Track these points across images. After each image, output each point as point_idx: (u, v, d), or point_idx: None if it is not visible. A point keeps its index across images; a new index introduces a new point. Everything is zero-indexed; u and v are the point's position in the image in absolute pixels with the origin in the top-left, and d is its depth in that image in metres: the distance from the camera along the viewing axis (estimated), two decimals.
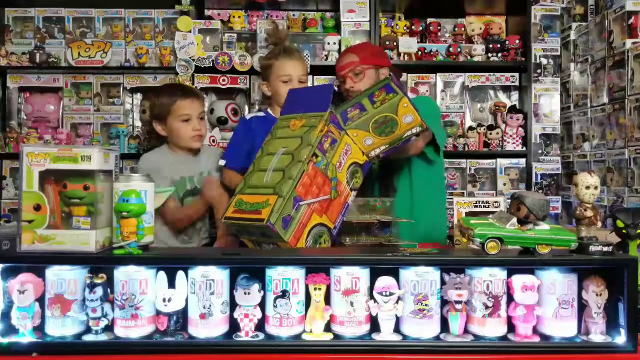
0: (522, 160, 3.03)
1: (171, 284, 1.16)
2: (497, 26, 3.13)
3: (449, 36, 3.23)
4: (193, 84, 2.91)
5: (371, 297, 1.17)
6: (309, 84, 3.01)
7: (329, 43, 2.94)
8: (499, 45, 3.02)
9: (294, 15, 3.16)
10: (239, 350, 1.15)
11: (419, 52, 3.01)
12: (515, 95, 3.19)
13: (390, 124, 1.57)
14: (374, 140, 1.59)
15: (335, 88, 2.23)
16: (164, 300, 1.15)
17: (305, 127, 1.56)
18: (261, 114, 2.23)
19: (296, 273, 1.18)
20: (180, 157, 2.10)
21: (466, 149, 3.01)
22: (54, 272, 1.18)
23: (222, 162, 2.09)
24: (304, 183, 1.46)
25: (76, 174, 1.17)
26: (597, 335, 1.17)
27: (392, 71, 2.15)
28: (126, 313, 1.16)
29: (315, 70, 2.95)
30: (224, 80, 2.97)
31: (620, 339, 1.15)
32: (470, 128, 3.04)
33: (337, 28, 3.05)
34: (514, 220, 1.18)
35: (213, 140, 2.88)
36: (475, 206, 1.57)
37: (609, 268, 1.17)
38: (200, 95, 2.15)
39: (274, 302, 1.17)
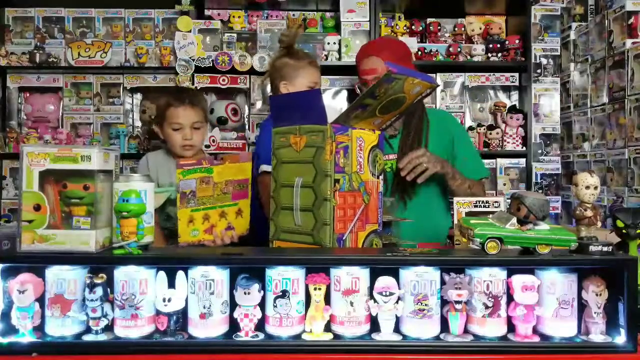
0: (522, 160, 3.03)
1: (171, 284, 1.16)
2: (497, 26, 3.13)
3: (449, 36, 3.23)
4: (193, 84, 2.92)
5: (371, 297, 1.17)
6: None
7: (328, 43, 2.94)
8: (499, 45, 3.02)
9: (294, 15, 3.17)
10: (239, 350, 1.15)
11: (419, 52, 3.01)
12: (515, 95, 3.19)
13: (397, 100, 1.45)
14: (382, 119, 1.49)
15: (358, 90, 2.15)
16: (164, 300, 1.15)
17: (311, 148, 1.40)
18: None
19: (296, 273, 1.18)
20: (175, 163, 2.06)
21: None
22: (53, 272, 1.17)
23: (267, 168, 1.94)
24: (338, 218, 1.37)
25: (76, 174, 1.17)
26: (597, 335, 1.17)
27: None
28: (126, 313, 1.16)
29: None
30: (224, 80, 2.98)
31: (620, 339, 1.14)
32: (470, 128, 3.04)
33: (337, 28, 3.05)
34: (514, 220, 1.18)
35: (213, 141, 2.88)
36: (475, 206, 1.56)
37: (609, 268, 1.17)
38: (198, 104, 2.06)
39: (274, 302, 1.17)
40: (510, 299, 1.18)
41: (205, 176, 1.55)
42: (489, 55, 3.04)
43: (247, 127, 3.05)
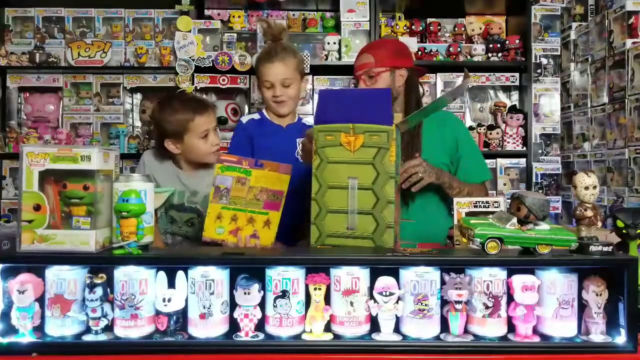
0: (522, 160, 3.03)
1: (171, 284, 1.16)
2: (497, 26, 3.13)
3: (449, 36, 3.23)
4: (193, 83, 2.92)
5: (371, 297, 1.17)
6: (308, 84, 3.03)
7: (328, 43, 2.94)
8: (499, 45, 3.02)
9: (294, 15, 3.17)
10: (239, 351, 1.15)
11: (419, 52, 3.01)
12: (515, 95, 3.19)
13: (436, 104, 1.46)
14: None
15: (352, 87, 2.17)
16: (163, 300, 1.15)
17: (370, 149, 1.35)
18: (257, 116, 2.16)
19: (296, 273, 1.18)
20: (183, 169, 2.00)
21: None
22: (53, 272, 1.18)
23: None
24: (395, 220, 1.36)
25: (76, 174, 1.17)
26: (597, 335, 1.17)
27: (414, 71, 2.07)
28: (126, 313, 1.16)
29: (315, 70, 2.95)
30: (223, 80, 2.97)
31: (621, 339, 1.15)
32: (471, 128, 3.04)
33: (337, 28, 3.05)
34: (514, 220, 1.18)
35: None
36: (475, 206, 1.56)
37: (609, 268, 1.17)
38: (211, 106, 2.03)
39: (274, 302, 1.17)
40: (510, 299, 1.18)
41: (242, 177, 1.54)
42: (489, 55, 3.04)
43: None
